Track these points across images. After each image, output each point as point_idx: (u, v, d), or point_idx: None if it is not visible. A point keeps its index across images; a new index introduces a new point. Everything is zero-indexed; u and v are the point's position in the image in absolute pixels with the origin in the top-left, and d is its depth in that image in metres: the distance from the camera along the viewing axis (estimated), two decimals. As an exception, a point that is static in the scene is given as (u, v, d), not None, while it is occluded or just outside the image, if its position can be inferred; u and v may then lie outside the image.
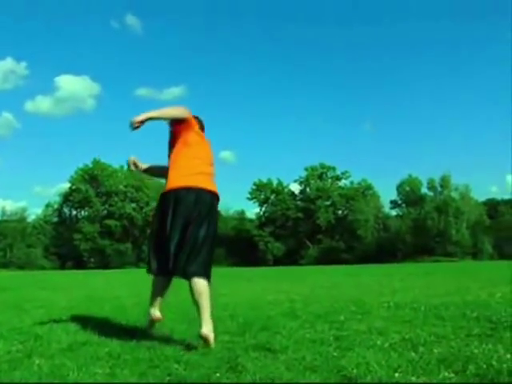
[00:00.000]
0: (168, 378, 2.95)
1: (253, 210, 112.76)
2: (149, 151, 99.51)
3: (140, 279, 20.68)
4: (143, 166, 4.77)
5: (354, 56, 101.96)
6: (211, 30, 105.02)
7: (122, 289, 13.05)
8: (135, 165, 4.73)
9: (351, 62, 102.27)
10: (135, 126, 3.99)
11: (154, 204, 72.27)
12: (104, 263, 66.44)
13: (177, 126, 4.25)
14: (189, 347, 3.82)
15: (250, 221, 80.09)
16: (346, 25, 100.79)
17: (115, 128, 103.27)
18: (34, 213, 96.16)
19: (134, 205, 73.24)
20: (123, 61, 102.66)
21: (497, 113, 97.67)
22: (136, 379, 2.93)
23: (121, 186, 73.75)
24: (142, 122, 4.00)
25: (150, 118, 4.02)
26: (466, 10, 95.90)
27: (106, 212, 73.79)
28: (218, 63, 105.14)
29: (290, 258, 68.06)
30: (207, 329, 3.84)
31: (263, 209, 78.88)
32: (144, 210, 72.50)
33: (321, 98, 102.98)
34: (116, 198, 72.72)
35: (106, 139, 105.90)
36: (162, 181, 4.57)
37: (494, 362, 3.01)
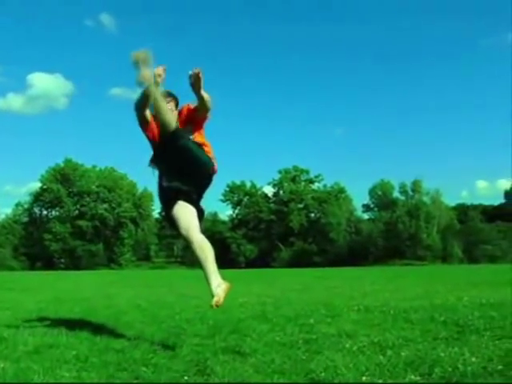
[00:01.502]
0: (136, 381, 2.93)
1: (226, 212, 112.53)
2: (121, 150, 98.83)
3: (111, 281, 20.51)
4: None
5: (327, 59, 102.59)
6: (186, 30, 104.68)
7: (93, 290, 12.92)
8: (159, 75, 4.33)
9: (325, 66, 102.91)
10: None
11: (126, 205, 71.78)
12: (75, 264, 65.54)
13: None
14: (157, 350, 3.79)
15: (223, 223, 79.89)
16: (318, 26, 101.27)
17: (88, 127, 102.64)
18: (4, 212, 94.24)
19: (106, 205, 72.43)
20: (97, 59, 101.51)
21: (468, 119, 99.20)
22: (103, 383, 2.90)
23: (93, 187, 72.89)
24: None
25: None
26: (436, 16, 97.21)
27: (77, 212, 72.84)
28: (193, 64, 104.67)
29: (263, 261, 68.05)
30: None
31: (236, 211, 78.82)
32: (116, 211, 71.75)
33: (294, 102, 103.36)
34: (88, 199, 71.84)
35: (79, 139, 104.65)
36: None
37: (460, 365, 3.05)
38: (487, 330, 4.37)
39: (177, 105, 4.52)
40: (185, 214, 4.17)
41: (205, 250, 4.00)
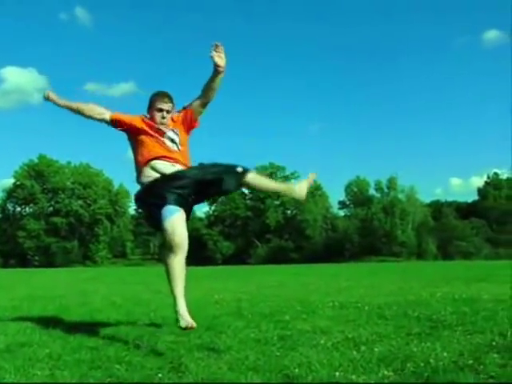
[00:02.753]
0: (109, 379, 2.91)
1: (202, 209, 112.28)
2: (97, 147, 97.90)
3: (86, 278, 20.32)
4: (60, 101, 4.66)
5: (303, 56, 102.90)
6: (161, 25, 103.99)
7: (67, 288, 12.79)
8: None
9: (302, 63, 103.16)
10: None
11: (102, 201, 71.14)
12: (49, 261, 64.75)
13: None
14: (132, 348, 3.78)
15: (199, 219, 79.76)
16: (296, 23, 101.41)
17: (62, 123, 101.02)
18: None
19: (81, 202, 71.70)
20: (71, 54, 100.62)
21: (442, 117, 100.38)
22: (76, 381, 2.88)
23: (68, 183, 72.09)
24: None
25: None
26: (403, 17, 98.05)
27: (51, 209, 72.01)
28: (169, 60, 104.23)
29: (239, 257, 68.10)
30: None
31: (212, 207, 78.67)
32: (92, 208, 71.09)
33: (270, 98, 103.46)
34: (62, 195, 71.02)
35: (53, 134, 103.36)
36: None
37: (432, 360, 3.09)
38: (459, 325, 4.43)
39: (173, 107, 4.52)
40: (183, 228, 4.08)
41: (183, 270, 3.97)
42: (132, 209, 77.78)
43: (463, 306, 5.87)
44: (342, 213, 76.68)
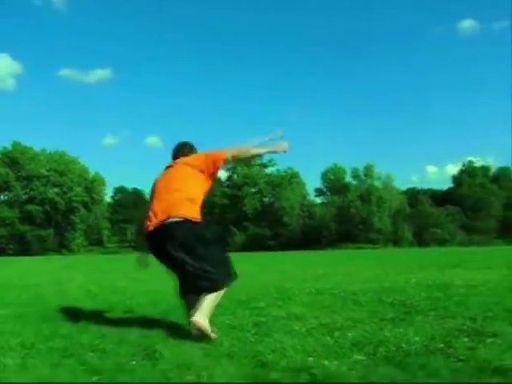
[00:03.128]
0: (81, 367, 2.89)
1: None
2: (73, 134, 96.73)
3: (62, 266, 20.14)
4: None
5: (282, 45, 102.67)
6: (138, 10, 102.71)
7: (42, 276, 12.66)
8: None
9: (280, 51, 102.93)
10: None
11: (78, 189, 70.39)
12: (24, 250, 63.96)
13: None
14: (106, 335, 3.76)
15: (177, 207, 79.51)
16: (271, 12, 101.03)
17: (37, 109, 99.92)
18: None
19: (56, 189, 70.86)
20: (46, 40, 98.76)
21: (419, 105, 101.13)
22: (48, 369, 2.85)
23: (43, 170, 71.11)
24: None
25: None
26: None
27: (26, 197, 71.04)
28: (145, 46, 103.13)
29: (217, 245, 68.01)
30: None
31: (190, 195, 78.39)
32: (68, 195, 70.31)
33: (249, 86, 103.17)
34: (37, 183, 70.10)
35: (27, 121, 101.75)
36: None
37: (404, 345, 3.14)
38: (432, 310, 4.51)
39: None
40: None
41: None
42: (108, 196, 77.29)
43: (436, 292, 5.97)
44: (318, 200, 77.07)
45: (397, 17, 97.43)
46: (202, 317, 3.60)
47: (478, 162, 79.28)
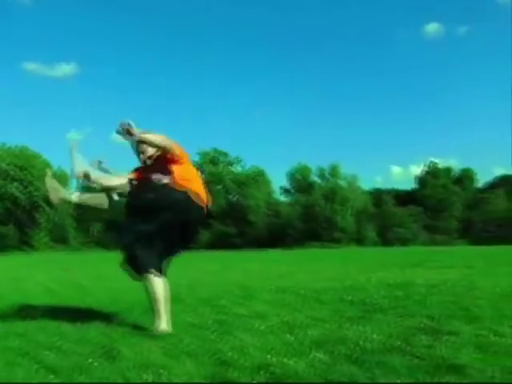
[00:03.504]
0: (36, 366, 2.84)
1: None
2: (35, 129, 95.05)
3: (23, 264, 19.77)
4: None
5: (247, 41, 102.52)
6: (104, 5, 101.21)
7: (1, 274, 12.42)
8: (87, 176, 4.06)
9: (245, 48, 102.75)
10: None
11: (38, 183, 68.99)
12: (-17, 247, 62.59)
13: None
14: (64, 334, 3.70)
15: (142, 204, 78.92)
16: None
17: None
18: None
19: (17, 184, 69.44)
20: (9, 32, 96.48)
21: (383, 106, 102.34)
22: (0, 370, 2.79)
23: (3, 165, 69.60)
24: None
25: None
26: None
27: (-15, 192, 69.50)
28: (111, 41, 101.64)
29: (182, 243, 67.68)
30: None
31: (155, 193, 77.81)
32: (28, 190, 68.95)
33: (214, 83, 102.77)
34: (-3, 178, 68.65)
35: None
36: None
37: (362, 342, 3.17)
38: (391, 309, 4.57)
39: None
40: None
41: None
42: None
43: (396, 291, 6.05)
44: (284, 199, 77.36)
45: (362, 18, 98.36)
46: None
47: (441, 163, 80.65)
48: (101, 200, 4.28)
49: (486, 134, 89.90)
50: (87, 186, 4.19)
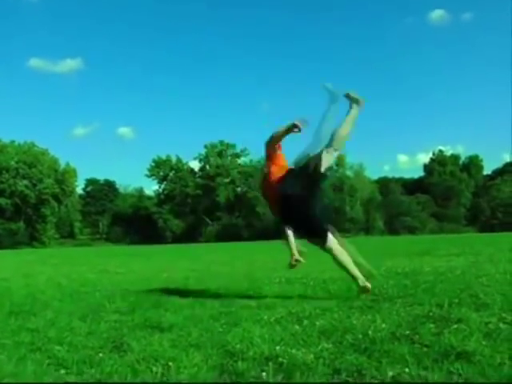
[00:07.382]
0: (48, 360, 2.86)
1: (152, 187, 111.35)
2: (42, 125, 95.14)
3: (32, 259, 19.87)
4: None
5: (254, 36, 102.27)
6: (109, 1, 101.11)
7: (12, 270, 12.48)
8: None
9: (251, 42, 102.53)
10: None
11: (47, 181, 69.24)
12: (-6, 244, 62.98)
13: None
14: (74, 328, 3.72)
15: (149, 198, 79.04)
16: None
17: (5, 100, 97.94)
18: None
19: (26, 182, 69.70)
20: (15, 29, 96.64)
21: (390, 95, 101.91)
22: (12, 365, 2.81)
23: (12, 162, 69.83)
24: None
25: None
26: None
27: (-5, 189, 69.82)
28: (118, 35, 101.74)
29: (190, 236, 67.92)
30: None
31: (162, 186, 77.95)
32: (37, 188, 69.21)
33: (220, 76, 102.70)
34: (7, 175, 68.84)
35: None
36: None
37: (370, 332, 3.17)
38: (399, 298, 4.57)
39: None
40: None
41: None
42: (80, 188, 76.41)
43: (405, 279, 6.05)
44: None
45: (369, 8, 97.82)
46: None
47: (448, 150, 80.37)
48: None
49: (494, 120, 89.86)
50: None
